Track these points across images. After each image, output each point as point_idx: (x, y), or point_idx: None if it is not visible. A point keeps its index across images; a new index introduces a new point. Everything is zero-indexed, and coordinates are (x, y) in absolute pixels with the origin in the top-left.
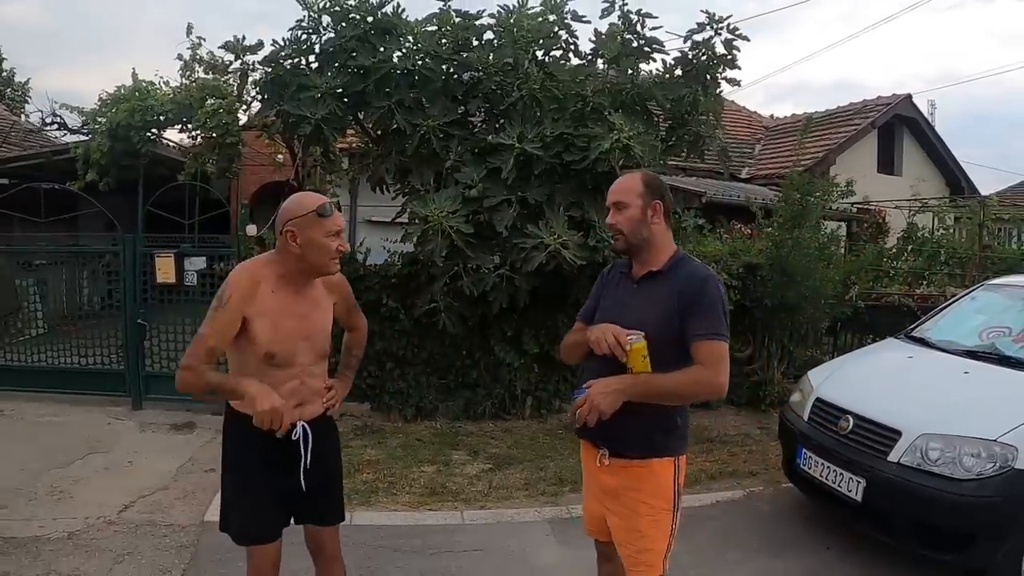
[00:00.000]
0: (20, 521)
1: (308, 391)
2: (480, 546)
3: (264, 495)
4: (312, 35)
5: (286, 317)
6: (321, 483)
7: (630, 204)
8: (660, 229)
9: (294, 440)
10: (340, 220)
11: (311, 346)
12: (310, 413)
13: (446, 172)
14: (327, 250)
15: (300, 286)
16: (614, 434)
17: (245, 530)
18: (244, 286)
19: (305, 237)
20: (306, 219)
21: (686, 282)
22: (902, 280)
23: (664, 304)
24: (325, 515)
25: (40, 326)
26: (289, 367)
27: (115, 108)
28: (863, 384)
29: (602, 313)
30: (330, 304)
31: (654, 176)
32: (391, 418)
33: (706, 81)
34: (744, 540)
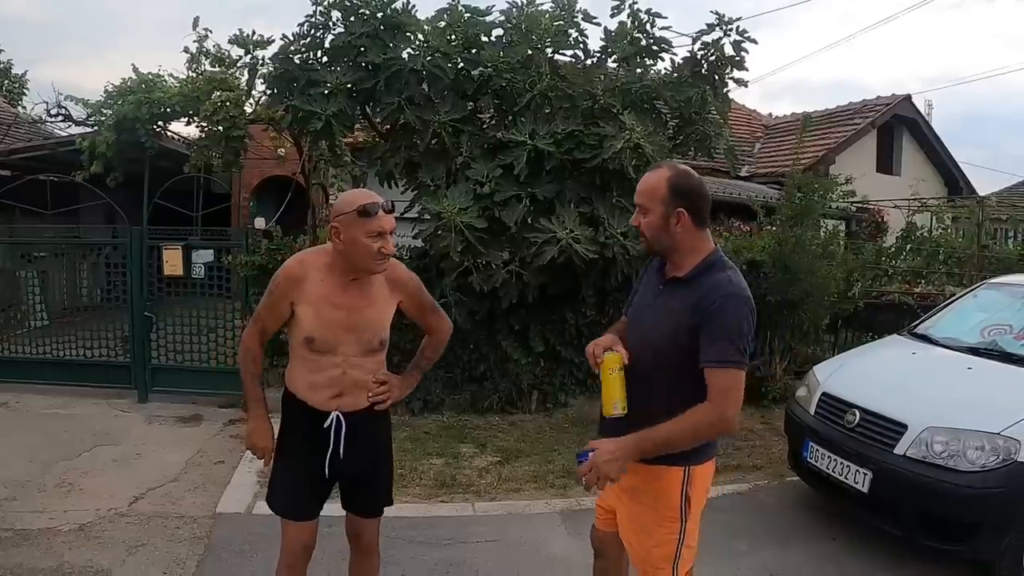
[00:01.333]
0: (31, 513)
1: (349, 382)
2: (494, 537)
3: (299, 473)
4: (322, 30)
5: (330, 306)
6: (363, 474)
7: (651, 209)
8: (686, 235)
9: (326, 427)
10: (387, 221)
11: (356, 338)
12: (350, 404)
13: (456, 168)
14: (368, 251)
15: (350, 278)
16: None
17: (278, 502)
18: (293, 273)
19: (348, 235)
20: (349, 217)
21: (704, 296)
22: (901, 279)
23: (677, 316)
24: (365, 506)
25: (41, 318)
26: (330, 355)
27: (121, 101)
28: (869, 379)
29: (632, 309)
30: (390, 301)
31: (684, 176)
32: (398, 411)
33: (715, 82)
34: (751, 532)
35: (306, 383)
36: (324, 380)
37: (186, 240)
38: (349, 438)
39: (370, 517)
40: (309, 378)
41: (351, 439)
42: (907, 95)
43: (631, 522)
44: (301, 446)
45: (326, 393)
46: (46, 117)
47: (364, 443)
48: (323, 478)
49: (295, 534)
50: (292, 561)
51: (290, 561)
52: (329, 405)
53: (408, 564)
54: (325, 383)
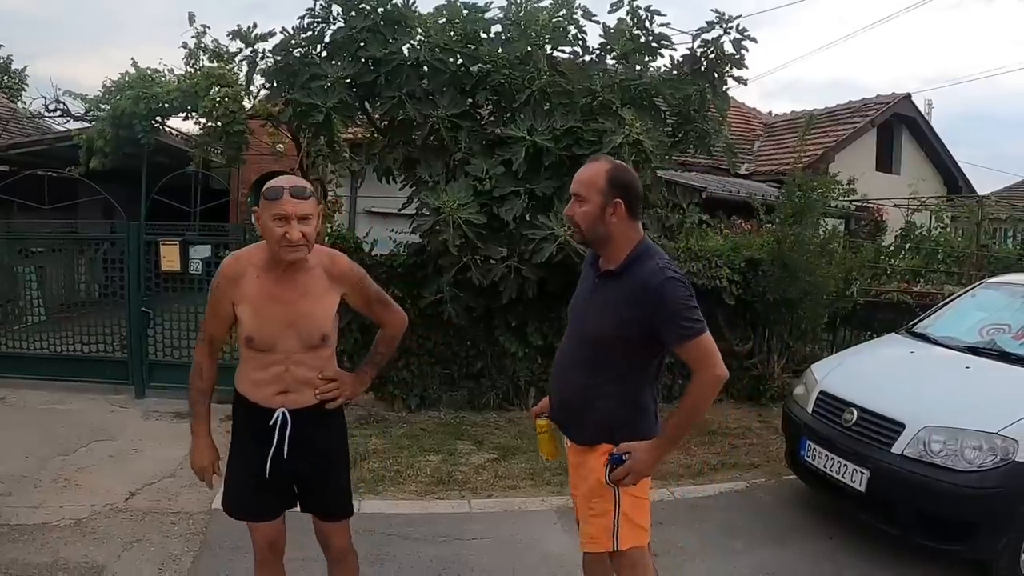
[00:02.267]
0: (27, 508)
1: (293, 379)
2: (489, 534)
3: (250, 473)
4: (322, 24)
5: (266, 302)
6: (317, 475)
7: (588, 199)
8: (620, 226)
9: (271, 425)
10: (290, 205)
11: (296, 334)
12: (295, 402)
13: (455, 164)
14: (272, 235)
15: (285, 271)
16: (574, 424)
17: (229, 502)
18: (228, 273)
19: (261, 221)
20: (261, 203)
21: (641, 290)
22: (900, 278)
23: (617, 309)
24: (325, 509)
25: (39, 313)
26: (271, 352)
27: (119, 96)
28: (866, 378)
29: (572, 302)
30: (329, 294)
31: (621, 169)
32: (395, 407)
33: (714, 79)
34: (748, 530)
35: (251, 381)
36: (267, 377)
37: (184, 236)
38: (295, 436)
39: (329, 521)
40: (253, 376)
41: (297, 437)
42: (907, 94)
43: (578, 498)
44: (249, 446)
45: (270, 390)
46: (44, 112)
47: (312, 442)
48: (296, 479)
49: (258, 534)
50: (262, 559)
51: (261, 559)
52: (274, 402)
53: (404, 561)
54: (268, 380)
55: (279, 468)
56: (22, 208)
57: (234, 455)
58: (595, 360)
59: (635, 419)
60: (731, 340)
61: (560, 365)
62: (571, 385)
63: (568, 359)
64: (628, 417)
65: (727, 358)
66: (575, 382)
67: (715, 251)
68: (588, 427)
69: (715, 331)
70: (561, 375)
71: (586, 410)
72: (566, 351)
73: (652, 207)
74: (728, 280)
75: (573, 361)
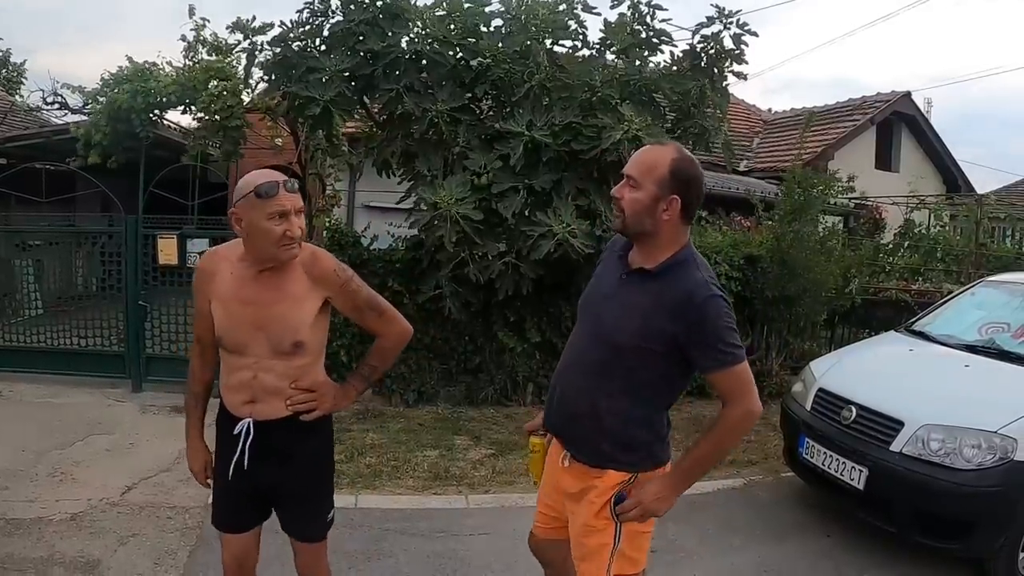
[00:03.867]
0: (23, 502)
1: (260, 387)
2: (487, 529)
3: (225, 484)
4: (321, 18)
5: (238, 302)
6: (289, 492)
7: (642, 186)
8: (670, 226)
9: (235, 434)
10: (288, 200)
11: (266, 337)
12: (263, 412)
13: (453, 158)
14: (270, 235)
15: (261, 271)
16: (574, 435)
17: (213, 513)
18: (203, 270)
19: (248, 221)
20: (248, 200)
21: (682, 303)
22: (899, 276)
23: (646, 316)
24: (293, 529)
25: (36, 307)
26: (240, 355)
27: (117, 89)
28: (865, 375)
29: (585, 297)
30: (310, 298)
31: (689, 163)
32: (392, 402)
33: (714, 75)
34: (746, 527)
35: (224, 386)
36: (236, 383)
37: (181, 229)
38: (259, 448)
39: (302, 541)
40: (225, 380)
41: (261, 450)
42: (907, 92)
43: (573, 525)
44: (224, 452)
45: (239, 397)
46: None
47: (282, 457)
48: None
49: (225, 547)
50: (229, 572)
51: (226, 571)
52: (242, 411)
53: (401, 556)
54: (236, 386)
55: (242, 479)
56: (20, 201)
57: (215, 463)
58: (609, 367)
59: (651, 442)
60: None
61: (566, 367)
62: (578, 391)
63: (577, 361)
64: (644, 439)
65: None
66: (583, 388)
67: (714, 248)
68: (594, 444)
69: None
70: (567, 378)
71: (593, 422)
72: (575, 351)
73: None
74: (727, 277)
75: (583, 364)
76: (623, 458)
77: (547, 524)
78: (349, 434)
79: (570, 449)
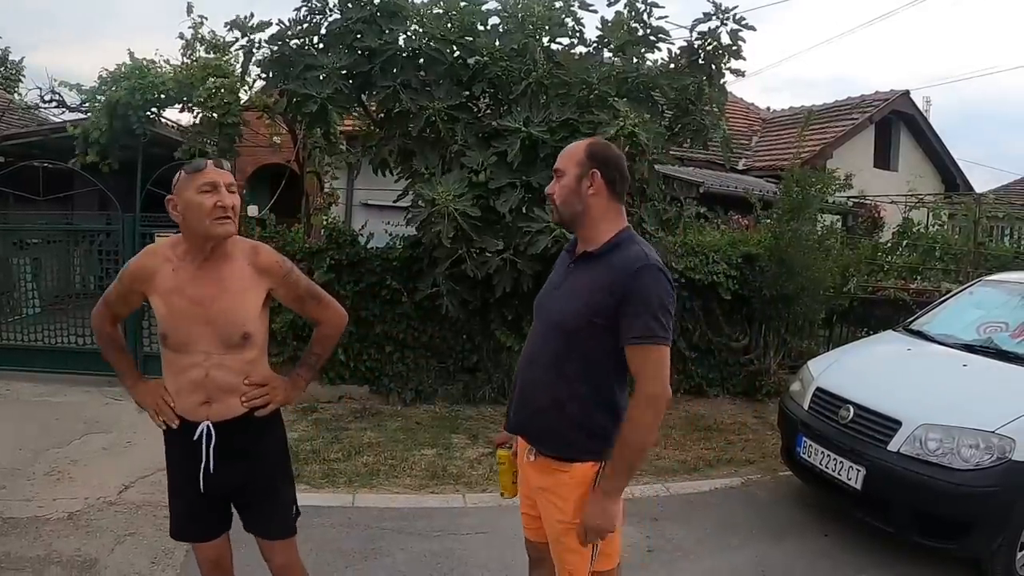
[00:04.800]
0: (19, 501)
1: (215, 386)
2: (484, 528)
3: (183, 493)
4: (318, 15)
5: (180, 297)
6: (254, 491)
7: (566, 172)
8: (598, 203)
9: (195, 440)
10: (216, 174)
11: (214, 332)
12: (219, 412)
13: (451, 156)
14: (202, 208)
15: (203, 264)
16: (538, 430)
17: (172, 525)
18: (139, 267)
19: (182, 200)
20: (180, 182)
21: (619, 272)
22: (897, 275)
23: (589, 295)
24: (261, 528)
25: (33, 305)
26: (187, 354)
27: (115, 86)
28: (863, 374)
29: (538, 296)
30: (253, 289)
31: (604, 145)
32: (390, 401)
33: (711, 71)
34: (743, 526)
35: (173, 389)
36: (187, 384)
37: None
38: (222, 450)
39: (273, 539)
40: (173, 382)
41: (224, 451)
42: (905, 91)
43: (547, 523)
44: (180, 462)
45: (193, 399)
46: (40, 103)
47: (244, 455)
48: (232, 495)
49: (200, 555)
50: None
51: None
52: (198, 413)
53: (398, 555)
54: (189, 387)
55: (211, 484)
56: (17, 199)
57: (169, 473)
58: (564, 356)
59: (610, 424)
60: (728, 335)
61: (524, 365)
62: (537, 385)
63: (534, 357)
64: (603, 422)
65: (724, 353)
66: (542, 380)
67: (712, 246)
68: (560, 435)
69: (712, 326)
70: (525, 376)
71: (555, 413)
72: (531, 348)
73: (649, 200)
74: (725, 275)
75: (540, 358)
76: (590, 446)
77: (533, 526)
78: (346, 433)
79: (536, 445)
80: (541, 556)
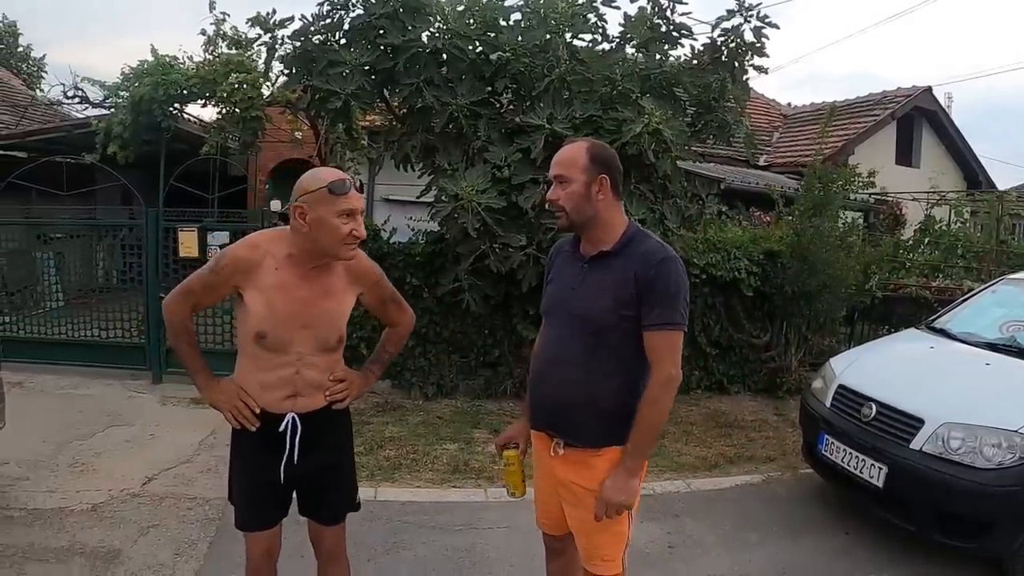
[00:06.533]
0: (43, 492)
1: (304, 382)
2: (506, 523)
3: (258, 482)
4: (341, 11)
5: (285, 299)
6: (322, 480)
7: (572, 179)
8: (607, 204)
9: (280, 432)
10: (358, 200)
11: (313, 335)
12: (304, 405)
13: (474, 152)
14: (337, 232)
15: (310, 269)
16: (572, 425)
17: (240, 515)
18: (246, 259)
19: (315, 216)
20: (317, 195)
21: (641, 263)
22: (918, 272)
23: (617, 289)
24: (323, 513)
25: (58, 299)
26: (282, 353)
27: (138, 82)
28: (886, 372)
29: (549, 299)
30: (350, 295)
31: (601, 146)
32: (411, 395)
33: (734, 68)
34: (764, 523)
35: (257, 383)
36: (276, 380)
37: (202, 222)
38: (305, 441)
39: (330, 525)
40: (260, 377)
41: (307, 442)
42: (927, 87)
43: (578, 516)
44: (257, 453)
45: (279, 394)
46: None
47: (322, 445)
48: (280, 485)
49: (256, 543)
50: (256, 566)
51: (255, 566)
52: (283, 407)
53: (420, 549)
54: (277, 383)
55: (291, 474)
56: (41, 194)
57: (239, 467)
58: (595, 349)
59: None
60: (749, 332)
61: (548, 365)
62: (568, 383)
63: (560, 356)
64: (634, 406)
65: (745, 350)
66: (573, 378)
67: (734, 243)
68: (594, 426)
69: (733, 323)
70: (553, 375)
71: (590, 408)
72: (554, 348)
73: (672, 197)
74: (747, 272)
75: (566, 356)
76: (623, 431)
77: (551, 520)
78: (369, 427)
79: (569, 439)
80: (559, 547)
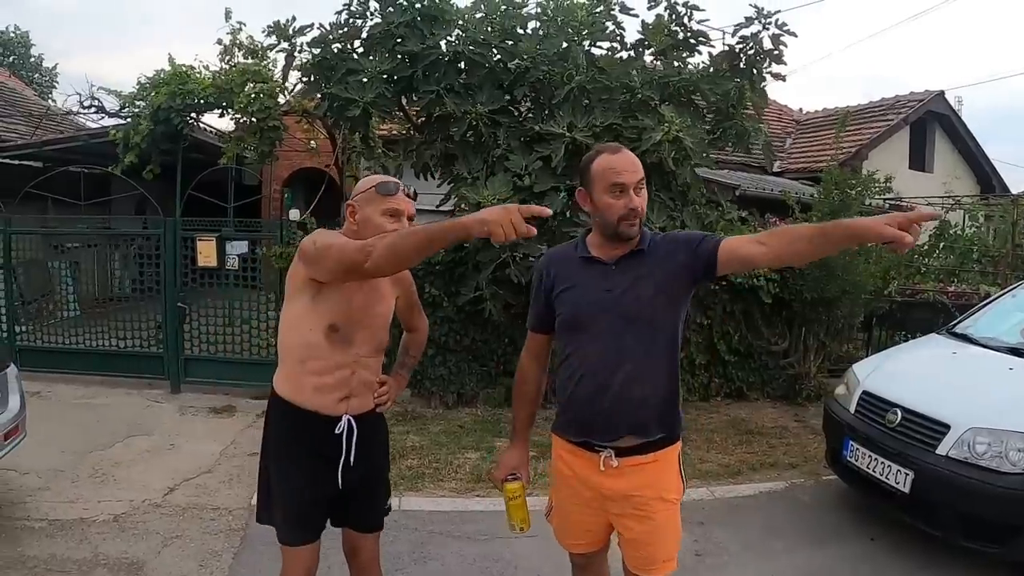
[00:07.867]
0: (64, 503)
1: (359, 383)
2: (533, 532)
3: (307, 492)
4: (359, 19)
5: (358, 293)
6: (365, 484)
7: (644, 185)
8: None
9: (337, 434)
10: (405, 202)
11: (370, 335)
12: (358, 407)
13: (493, 160)
14: (381, 230)
15: None
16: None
17: (288, 529)
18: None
19: (363, 214)
20: (367, 195)
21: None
22: (934, 277)
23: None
24: (365, 520)
25: (73, 309)
26: (345, 351)
27: (155, 92)
28: (910, 378)
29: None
30: (392, 297)
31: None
32: (432, 404)
33: (752, 75)
34: (788, 530)
35: (311, 387)
36: (334, 382)
37: (220, 231)
38: (360, 443)
39: (371, 532)
40: (315, 380)
41: (361, 443)
42: (940, 91)
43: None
44: (309, 460)
45: (335, 395)
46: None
47: (371, 447)
48: (337, 491)
49: (300, 559)
50: None
51: None
52: (338, 408)
53: (448, 559)
54: (334, 385)
55: (347, 478)
56: (57, 204)
57: (286, 476)
58: (656, 346)
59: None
60: (768, 339)
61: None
62: (633, 382)
63: (615, 359)
64: (677, 398)
65: (764, 357)
66: (640, 377)
67: None
68: (665, 416)
69: (752, 329)
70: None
71: (654, 400)
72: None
73: (691, 204)
74: (765, 279)
75: (628, 357)
76: (672, 429)
77: (583, 539)
78: (390, 436)
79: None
80: (584, 563)
